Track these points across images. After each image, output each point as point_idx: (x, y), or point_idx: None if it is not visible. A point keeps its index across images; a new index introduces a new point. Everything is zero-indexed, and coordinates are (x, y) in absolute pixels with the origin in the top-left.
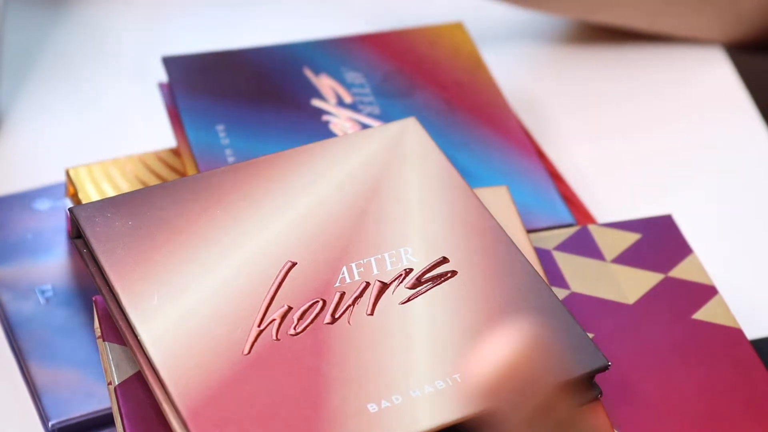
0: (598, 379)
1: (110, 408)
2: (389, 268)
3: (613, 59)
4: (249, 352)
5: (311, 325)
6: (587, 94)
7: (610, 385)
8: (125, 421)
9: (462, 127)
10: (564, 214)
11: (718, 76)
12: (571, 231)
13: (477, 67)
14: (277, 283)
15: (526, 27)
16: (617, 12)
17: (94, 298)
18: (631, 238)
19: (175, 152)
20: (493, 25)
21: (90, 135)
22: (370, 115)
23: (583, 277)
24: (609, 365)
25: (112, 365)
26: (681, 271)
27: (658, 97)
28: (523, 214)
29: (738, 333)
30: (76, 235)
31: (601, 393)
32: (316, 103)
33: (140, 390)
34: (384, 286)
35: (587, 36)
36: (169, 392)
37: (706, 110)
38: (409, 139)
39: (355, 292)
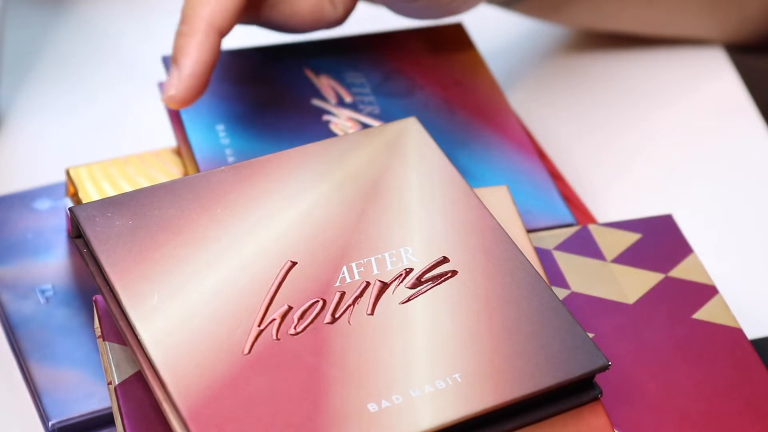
0: (598, 379)
1: (110, 408)
2: (389, 267)
3: (613, 59)
4: (249, 351)
5: (311, 325)
6: (588, 93)
7: (610, 385)
8: (125, 421)
9: (462, 127)
10: (564, 214)
11: (717, 76)
12: (571, 231)
13: (477, 67)
14: (277, 282)
15: (526, 26)
16: (623, 22)
17: (94, 298)
18: (631, 238)
19: (175, 152)
20: (493, 25)
21: (90, 135)
22: (371, 114)
23: (583, 277)
24: (609, 365)
25: (112, 365)
26: (681, 271)
27: (658, 97)
28: (524, 213)
29: (738, 333)
30: (77, 234)
31: (601, 393)
32: (316, 102)
33: (140, 390)
34: (384, 286)
35: (587, 35)
36: (169, 392)
37: (706, 110)
38: (409, 139)
39: (356, 291)
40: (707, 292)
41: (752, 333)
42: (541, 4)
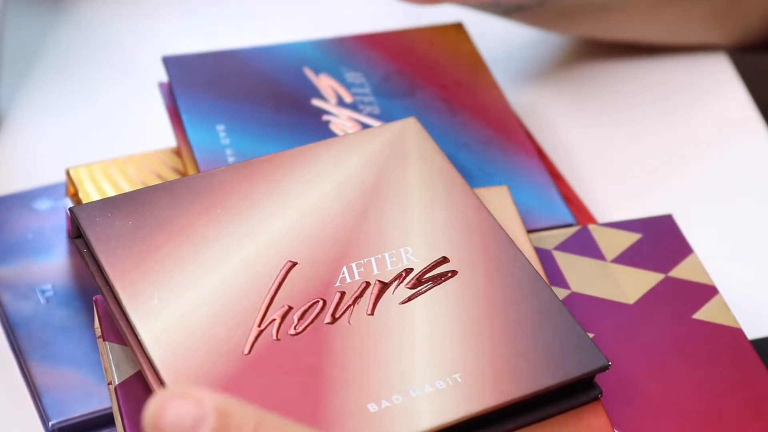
0: (598, 379)
1: (110, 408)
2: (389, 267)
3: (613, 59)
4: (249, 351)
5: (311, 325)
6: (588, 93)
7: (610, 385)
8: (125, 421)
9: (462, 127)
10: (564, 214)
11: (718, 76)
12: (571, 231)
13: (477, 67)
14: (277, 283)
15: (526, 26)
16: (626, 33)
17: (94, 298)
18: (631, 238)
19: (175, 152)
20: (493, 25)
21: (90, 135)
22: (370, 115)
23: (583, 277)
24: (609, 365)
25: (113, 365)
26: (681, 271)
27: (658, 98)
28: (524, 214)
29: (738, 333)
30: (77, 234)
31: (601, 393)
32: (316, 102)
33: (140, 390)
34: (384, 286)
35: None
36: None
37: (706, 110)
38: (409, 139)
39: (356, 292)
40: (707, 292)
41: (752, 333)
42: (542, 15)
